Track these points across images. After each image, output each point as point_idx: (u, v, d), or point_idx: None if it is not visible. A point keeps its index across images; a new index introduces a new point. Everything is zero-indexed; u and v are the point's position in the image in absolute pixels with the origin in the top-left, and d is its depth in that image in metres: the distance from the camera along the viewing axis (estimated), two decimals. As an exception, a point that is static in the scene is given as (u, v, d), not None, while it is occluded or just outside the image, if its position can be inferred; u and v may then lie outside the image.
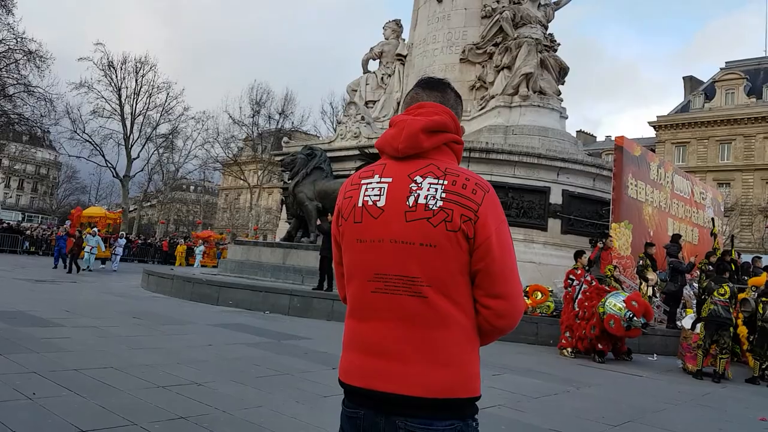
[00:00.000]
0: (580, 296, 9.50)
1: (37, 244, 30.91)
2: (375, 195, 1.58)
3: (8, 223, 34.85)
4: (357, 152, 14.78)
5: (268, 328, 9.58)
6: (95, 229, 21.50)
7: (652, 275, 11.64)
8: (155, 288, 14.64)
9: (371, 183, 1.61)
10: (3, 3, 30.95)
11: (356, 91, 19.34)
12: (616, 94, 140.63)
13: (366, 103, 18.67)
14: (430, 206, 1.50)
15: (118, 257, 23.86)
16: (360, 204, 1.60)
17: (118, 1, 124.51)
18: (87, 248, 20.61)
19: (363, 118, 16.51)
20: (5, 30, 31.67)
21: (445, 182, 1.52)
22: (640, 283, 11.54)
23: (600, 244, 11.64)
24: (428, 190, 1.52)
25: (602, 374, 8.21)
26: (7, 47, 32.09)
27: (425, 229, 1.49)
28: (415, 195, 1.52)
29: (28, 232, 32.94)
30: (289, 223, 16.38)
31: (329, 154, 15.76)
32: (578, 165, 14.43)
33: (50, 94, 34.68)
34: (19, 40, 32.09)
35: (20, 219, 50.98)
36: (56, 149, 50.62)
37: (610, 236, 12.02)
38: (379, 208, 1.56)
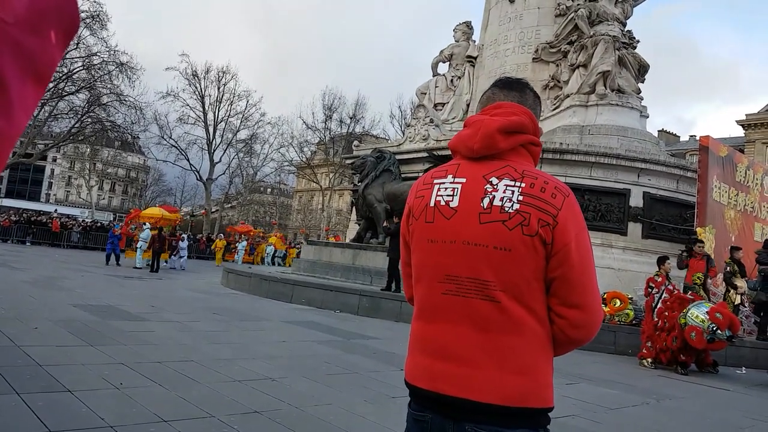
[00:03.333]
0: (659, 305, 9.02)
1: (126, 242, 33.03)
2: (448, 195, 1.55)
3: (101, 223, 37.58)
4: (425, 154, 14.79)
5: (338, 326, 9.76)
6: (146, 225, 21.96)
7: (740, 282, 10.86)
8: (234, 285, 15.29)
9: (444, 183, 1.58)
10: (98, 18, 33.44)
11: (425, 94, 19.33)
12: (713, 94, 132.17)
13: (435, 105, 18.63)
14: (506, 209, 1.45)
15: (184, 258, 23.44)
16: (432, 204, 1.57)
17: (215, 11, 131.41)
18: (139, 244, 20.51)
19: (432, 121, 16.50)
20: (100, 44, 34.26)
21: (523, 185, 1.47)
22: (727, 291, 10.79)
23: (698, 249, 10.90)
24: (504, 192, 1.47)
25: (685, 387, 7.74)
26: (101, 60, 34.69)
27: (500, 232, 1.45)
28: (490, 197, 1.48)
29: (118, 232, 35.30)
30: (359, 225, 16.63)
31: (398, 157, 15.86)
32: (660, 166, 13.70)
33: (140, 103, 37.30)
34: (111, 52, 34.61)
35: (112, 219, 54.67)
36: (145, 154, 54.08)
37: (702, 242, 11.31)
38: (452, 209, 1.53)
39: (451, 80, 19.02)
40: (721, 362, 9.31)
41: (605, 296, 10.62)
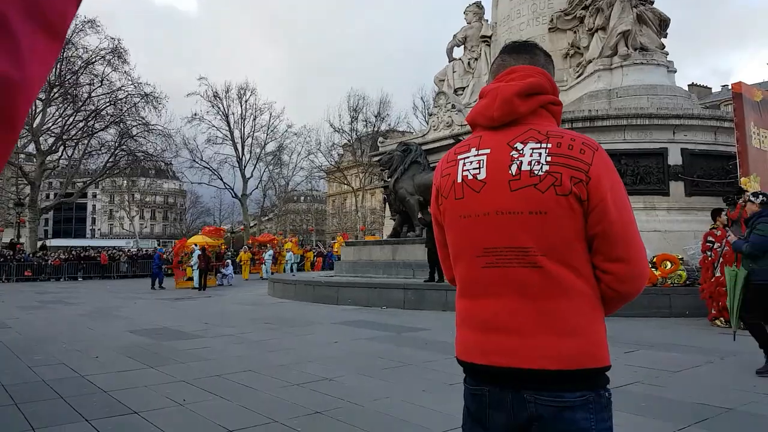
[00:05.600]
0: (721, 260, 8.67)
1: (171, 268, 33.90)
2: (474, 168, 1.52)
3: (146, 251, 38.67)
4: (452, 141, 14.69)
5: (386, 322, 9.79)
6: (196, 246, 22.51)
7: None
8: (281, 294, 15.53)
9: (469, 157, 1.55)
10: (117, 53, 34.43)
11: (443, 80, 19.22)
12: (746, 40, 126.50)
13: (455, 90, 18.50)
14: (536, 172, 1.42)
15: (230, 274, 24.10)
16: (459, 179, 1.54)
17: (234, 32, 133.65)
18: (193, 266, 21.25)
19: (454, 106, 16.38)
20: (123, 78, 35.29)
21: (549, 145, 1.43)
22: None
23: (741, 201, 10.52)
24: (531, 155, 1.44)
25: (752, 341, 7.45)
26: (126, 93, 35.75)
27: (533, 196, 1.41)
28: (518, 162, 1.45)
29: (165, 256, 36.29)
30: (394, 220, 16.65)
31: (424, 147, 15.80)
32: (695, 120, 13.26)
33: (168, 130, 38.37)
34: (135, 85, 35.61)
35: (157, 245, 56.25)
36: (179, 178, 55.42)
37: (747, 191, 10.87)
38: (481, 181, 1.50)
39: (468, 63, 18.85)
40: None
41: (654, 260, 10.33)
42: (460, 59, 19.22)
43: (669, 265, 10.39)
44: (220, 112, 45.85)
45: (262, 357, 6.90)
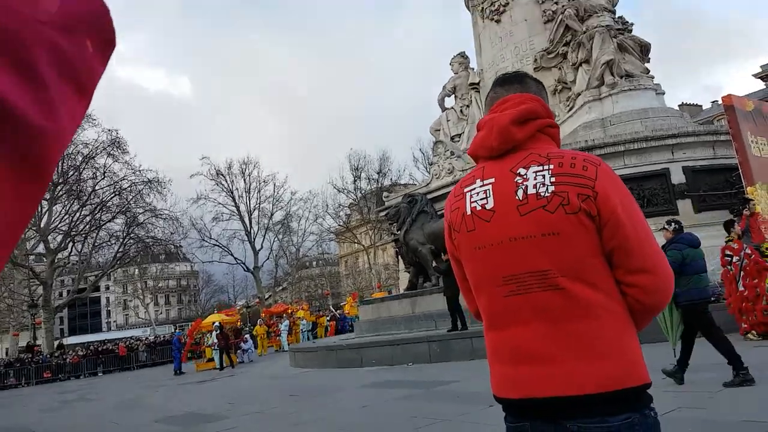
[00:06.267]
0: (743, 273, 8.52)
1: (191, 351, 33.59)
2: (482, 199, 1.54)
3: (164, 337, 38.43)
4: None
5: (414, 379, 9.57)
6: (216, 324, 22.25)
7: None
8: (303, 363, 15.26)
9: (475, 188, 1.57)
10: (117, 144, 35.40)
11: (439, 130, 19.61)
12: (731, 55, 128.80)
13: (452, 138, 18.85)
14: (542, 194, 1.43)
15: (250, 350, 23.49)
16: (469, 212, 1.56)
17: (233, 109, 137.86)
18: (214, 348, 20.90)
19: (452, 153, 16.63)
20: (125, 168, 36.11)
21: (552, 166, 1.45)
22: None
23: (746, 212, 10.49)
24: (536, 178, 1.45)
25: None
26: (130, 182, 36.48)
27: (543, 218, 1.42)
28: (523, 187, 1.46)
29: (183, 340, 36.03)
30: (408, 272, 16.54)
31: (429, 196, 15.93)
32: (692, 137, 13.38)
33: (174, 213, 38.85)
34: (137, 173, 36.38)
35: (173, 329, 55.91)
36: (190, 260, 55.68)
37: (752, 200, 10.84)
38: (490, 210, 1.51)
39: (461, 110, 19.30)
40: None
41: (676, 280, 10.17)
42: (452, 108, 19.69)
43: (691, 284, 10.19)
44: (225, 189, 46.60)
45: (291, 430, 6.72)
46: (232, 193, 46.66)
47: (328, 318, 30.51)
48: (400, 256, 17.61)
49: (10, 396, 21.54)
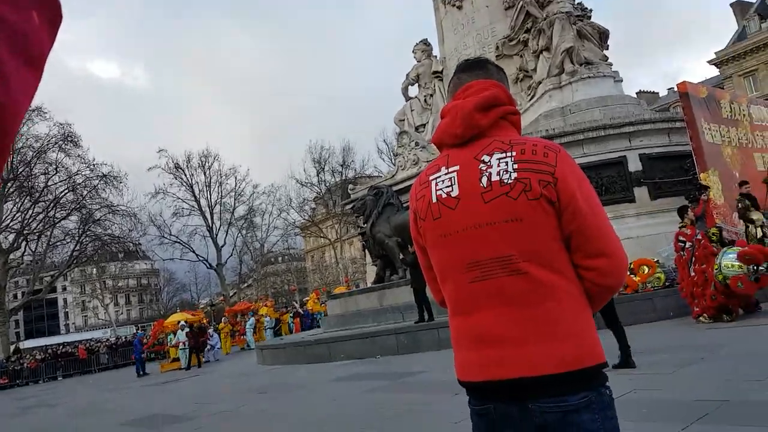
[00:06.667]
0: (694, 259, 8.84)
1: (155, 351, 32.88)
2: (447, 187, 1.56)
3: (125, 338, 37.50)
4: (421, 178, 14.89)
5: (383, 371, 9.61)
6: (183, 323, 21.89)
7: (756, 215, 10.68)
8: (271, 360, 15.12)
9: (440, 176, 1.59)
10: (69, 139, 34.13)
11: (403, 120, 19.60)
12: (689, 41, 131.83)
13: (416, 128, 18.87)
14: (505, 180, 1.46)
15: (215, 349, 23.45)
16: (434, 200, 1.58)
17: (190, 100, 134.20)
18: (180, 346, 20.59)
19: (417, 144, 16.68)
20: (78, 162, 34.84)
21: (514, 153, 1.48)
22: (746, 227, 10.64)
23: (704, 197, 10.84)
24: (498, 165, 1.48)
25: (737, 332, 7.56)
26: (84, 177, 35.24)
27: (506, 204, 1.45)
28: (487, 174, 1.49)
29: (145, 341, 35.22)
30: (376, 266, 16.55)
31: (395, 188, 15.94)
32: (648, 124, 13.75)
33: (132, 209, 37.71)
34: (91, 167, 35.16)
35: (135, 330, 54.60)
36: (150, 257, 54.31)
37: (708, 186, 11.20)
38: (455, 198, 1.53)
39: (425, 99, 19.31)
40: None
41: (632, 266, 10.47)
42: (416, 97, 19.68)
43: (647, 269, 10.56)
44: (184, 183, 45.46)
45: (261, 428, 6.67)
46: (192, 187, 45.58)
47: (291, 315, 30.16)
48: (366, 250, 17.58)
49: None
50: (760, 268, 7.87)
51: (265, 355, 15.89)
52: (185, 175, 45.38)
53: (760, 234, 10.42)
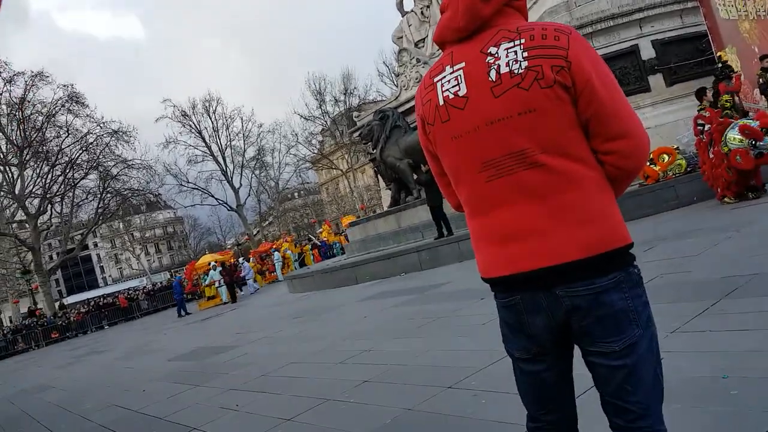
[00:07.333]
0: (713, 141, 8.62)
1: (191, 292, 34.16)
2: (453, 86, 1.48)
3: (161, 283, 38.88)
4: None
5: (408, 286, 9.89)
6: (213, 264, 22.77)
7: None
8: (301, 288, 15.66)
9: (445, 76, 1.51)
10: (75, 99, 34.02)
11: (402, 37, 18.95)
12: None
13: (415, 44, 18.26)
14: (516, 71, 1.38)
15: (251, 281, 24.42)
16: (441, 102, 1.51)
17: (184, 42, 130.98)
18: (216, 285, 21.96)
19: (418, 60, 16.19)
20: (87, 122, 34.95)
21: (523, 40, 1.39)
22: (768, 102, 10.32)
23: (738, 72, 10.33)
24: (507, 56, 1.40)
25: (763, 209, 7.52)
26: (95, 136, 35.43)
27: (518, 96, 1.38)
28: (495, 67, 1.41)
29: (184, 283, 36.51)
30: (390, 190, 16.61)
31: (400, 109, 15.69)
32: (658, 8, 13.08)
33: (147, 161, 38.07)
34: (101, 125, 35.26)
35: (169, 276, 56.50)
36: (172, 206, 55.30)
37: (727, 63, 10.72)
38: (463, 97, 1.46)
39: (421, 12, 18.57)
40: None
41: (651, 156, 10.34)
42: (412, 11, 18.94)
43: (666, 157, 10.40)
44: (193, 130, 45.49)
45: (299, 348, 7.01)
46: (200, 133, 45.64)
47: (310, 247, 30.96)
48: (379, 175, 17.58)
49: (23, 360, 22.00)
50: (759, 143, 7.66)
51: (294, 284, 16.43)
52: (193, 122, 45.32)
53: None
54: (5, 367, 20.93)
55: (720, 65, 11.01)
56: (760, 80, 10.54)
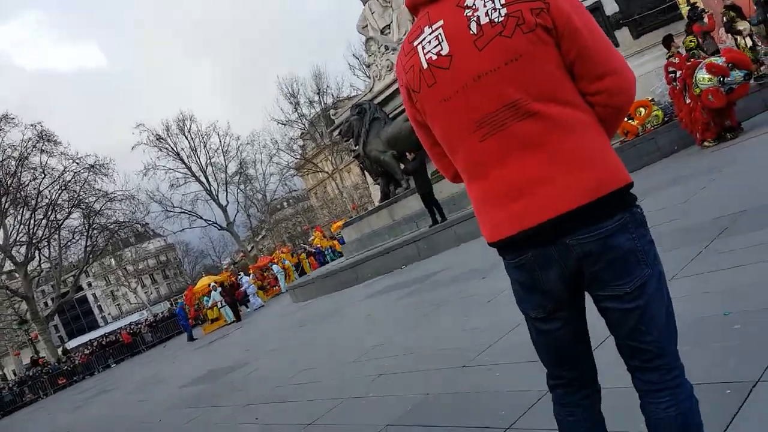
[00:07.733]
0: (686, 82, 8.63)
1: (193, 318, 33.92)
2: (435, 47, 1.44)
3: (162, 314, 38.62)
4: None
5: (410, 278, 9.89)
6: (212, 285, 22.66)
7: (743, 25, 10.38)
8: (303, 297, 15.58)
9: (425, 38, 1.46)
10: (45, 137, 33.59)
11: (366, 26, 18.69)
12: None
13: (381, 31, 18.02)
14: (496, 20, 1.35)
15: (253, 296, 24.18)
16: (425, 65, 1.46)
17: (150, 65, 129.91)
18: (218, 306, 21.62)
19: (387, 48, 16.05)
20: (63, 160, 34.48)
21: None
22: (735, 40, 10.39)
23: (709, 11, 10.39)
24: (485, 5, 1.37)
25: (741, 149, 7.58)
26: (72, 173, 34.96)
27: (503, 45, 1.35)
28: (475, 19, 1.38)
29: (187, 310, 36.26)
30: (378, 185, 16.54)
31: (376, 100, 15.63)
32: (617, -39, 13.11)
33: (129, 191, 37.67)
34: (77, 161, 34.80)
35: (169, 305, 56.11)
36: (161, 234, 54.85)
37: (695, 4, 10.73)
38: (446, 56, 1.42)
39: (383, -3, 18.34)
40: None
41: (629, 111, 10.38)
42: (374, -4, 18.74)
43: (643, 110, 10.44)
44: (171, 153, 45.02)
45: (310, 354, 6.99)
46: (178, 154, 45.15)
47: (305, 255, 30.82)
48: (365, 171, 17.50)
49: (33, 410, 21.79)
50: (727, 79, 7.72)
51: (297, 293, 16.36)
52: (169, 144, 44.86)
53: (750, 43, 10.14)
54: (15, 420, 20.71)
55: (689, 7, 11.05)
56: (724, 18, 10.60)
